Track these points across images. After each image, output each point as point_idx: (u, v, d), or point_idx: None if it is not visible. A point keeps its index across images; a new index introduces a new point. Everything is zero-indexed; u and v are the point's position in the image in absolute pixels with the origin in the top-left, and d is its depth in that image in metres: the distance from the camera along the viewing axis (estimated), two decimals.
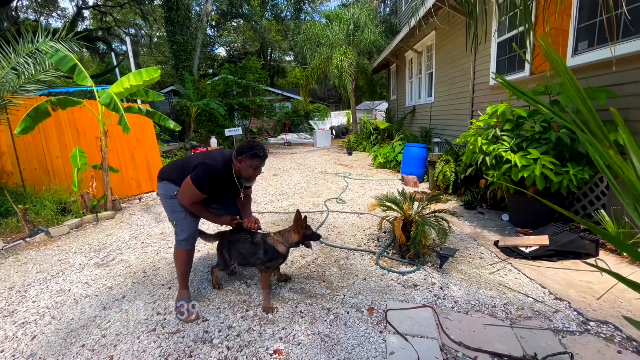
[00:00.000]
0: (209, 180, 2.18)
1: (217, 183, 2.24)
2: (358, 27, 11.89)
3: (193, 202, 2.25)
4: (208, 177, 2.18)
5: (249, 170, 2.22)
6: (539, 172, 3.02)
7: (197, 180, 2.16)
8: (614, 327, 1.96)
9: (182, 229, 2.33)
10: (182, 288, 2.39)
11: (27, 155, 4.79)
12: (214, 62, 29.01)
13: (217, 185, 2.25)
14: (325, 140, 14.04)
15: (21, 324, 2.27)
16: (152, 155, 6.52)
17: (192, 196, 2.22)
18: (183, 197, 2.24)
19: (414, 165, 6.32)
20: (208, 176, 2.18)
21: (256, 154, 2.17)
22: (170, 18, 14.81)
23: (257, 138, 16.05)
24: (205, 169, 2.18)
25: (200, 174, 2.17)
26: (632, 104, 2.93)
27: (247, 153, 2.16)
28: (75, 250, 3.61)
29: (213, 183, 2.21)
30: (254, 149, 2.17)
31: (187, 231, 2.34)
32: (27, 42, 4.24)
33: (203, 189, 2.19)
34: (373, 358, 1.80)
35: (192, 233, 2.38)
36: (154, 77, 4.72)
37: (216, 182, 2.22)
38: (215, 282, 2.60)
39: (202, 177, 2.17)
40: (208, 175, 2.18)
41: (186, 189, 2.21)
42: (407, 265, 2.87)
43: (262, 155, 2.20)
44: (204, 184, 2.18)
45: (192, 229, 2.38)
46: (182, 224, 2.33)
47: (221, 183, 2.27)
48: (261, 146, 2.22)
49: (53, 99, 4.28)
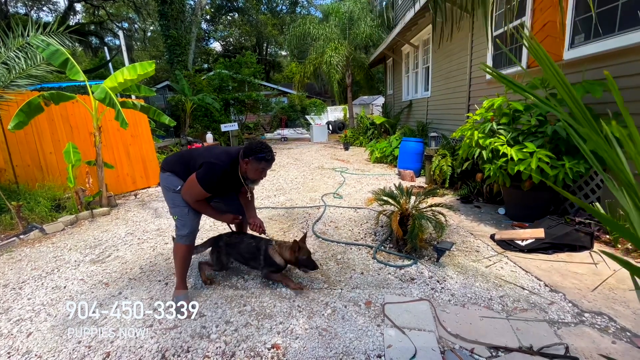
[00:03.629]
0: (215, 180, 2.17)
1: (223, 182, 2.22)
2: (353, 21, 11.82)
3: (197, 200, 2.24)
4: (215, 177, 2.16)
5: (255, 173, 2.22)
6: (535, 166, 3.03)
7: (204, 179, 2.14)
8: (608, 318, 1.98)
9: (183, 224, 2.31)
10: (179, 283, 2.38)
11: (19, 151, 4.72)
12: (209, 57, 28.71)
13: (222, 185, 2.24)
14: (322, 135, 13.99)
15: (16, 321, 2.25)
16: (148, 151, 6.46)
17: (197, 194, 2.20)
18: (187, 194, 2.23)
19: (411, 159, 6.33)
20: (215, 176, 2.16)
21: (264, 158, 2.15)
22: (164, 12, 14.56)
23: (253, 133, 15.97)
24: (212, 168, 2.16)
25: (207, 174, 2.15)
26: (628, 97, 2.94)
27: (255, 156, 2.14)
28: (70, 247, 3.58)
29: (219, 182, 2.19)
30: (262, 152, 2.14)
31: (188, 227, 2.32)
32: (17, 36, 4.15)
33: (209, 188, 2.17)
34: (371, 351, 1.81)
35: (193, 229, 2.36)
36: (149, 71, 4.66)
37: (222, 181, 2.21)
38: (205, 277, 2.60)
39: (209, 177, 2.15)
40: (215, 175, 2.16)
41: (191, 187, 2.19)
42: (404, 259, 2.88)
43: (269, 159, 2.19)
44: (210, 184, 2.16)
45: (194, 226, 2.36)
46: (185, 219, 2.31)
47: (227, 182, 2.26)
48: (269, 149, 2.20)
49: (46, 93, 4.21)
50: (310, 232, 3.61)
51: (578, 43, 3.52)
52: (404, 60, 10.45)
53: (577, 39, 3.55)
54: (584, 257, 2.75)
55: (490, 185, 4.22)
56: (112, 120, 5.49)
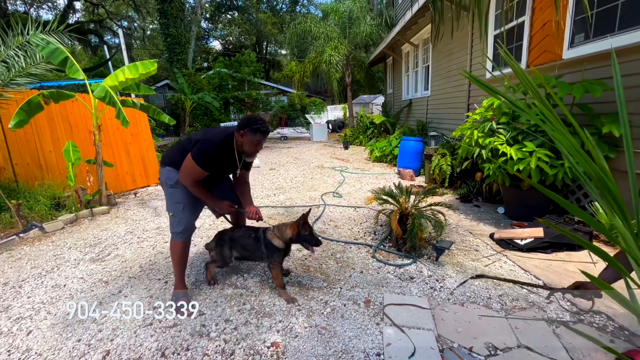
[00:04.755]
0: (210, 156, 2.13)
1: (218, 158, 2.19)
2: (353, 20, 11.80)
3: (195, 181, 2.20)
4: (209, 152, 2.14)
5: (251, 145, 2.19)
6: (535, 165, 3.04)
7: (198, 155, 2.12)
8: (606, 317, 1.99)
9: (179, 221, 2.31)
10: (178, 281, 2.38)
11: (19, 150, 4.71)
12: (208, 56, 28.68)
13: (217, 161, 2.20)
14: (322, 134, 13.99)
15: (16, 319, 2.26)
16: (147, 149, 6.46)
17: (193, 173, 2.16)
18: (185, 175, 2.18)
19: (411, 158, 6.33)
20: (209, 152, 2.14)
21: (259, 129, 2.14)
22: (163, 10, 14.55)
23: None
24: (205, 144, 2.14)
25: (201, 150, 2.13)
26: (626, 97, 2.93)
27: (250, 127, 2.13)
28: (70, 245, 3.58)
29: (214, 158, 2.15)
30: (257, 124, 2.13)
31: (183, 224, 2.32)
32: (17, 35, 4.15)
33: (204, 165, 2.14)
34: (370, 350, 1.81)
35: (188, 227, 2.36)
36: (150, 70, 4.66)
37: (217, 157, 2.17)
38: (210, 277, 2.59)
39: (203, 152, 2.13)
40: (209, 150, 2.14)
41: (187, 166, 2.15)
42: (403, 258, 2.89)
43: (264, 131, 2.17)
44: (205, 160, 2.13)
45: (189, 223, 2.36)
46: (180, 216, 2.31)
47: (222, 158, 2.22)
48: (263, 121, 2.19)
49: (45, 92, 4.21)
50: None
51: (578, 42, 3.52)
52: (404, 59, 10.44)
53: (577, 38, 3.55)
54: (582, 256, 2.76)
55: (490, 184, 4.22)
56: (111, 118, 5.50)
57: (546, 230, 2.95)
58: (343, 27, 11.92)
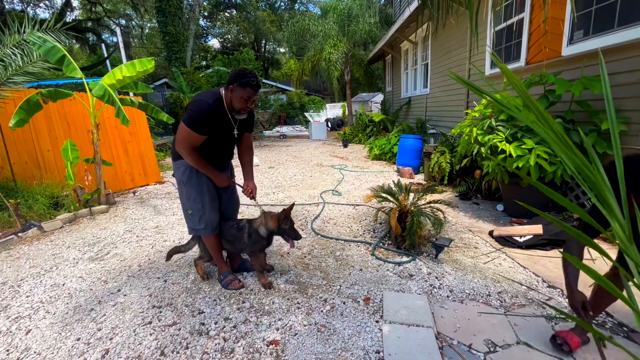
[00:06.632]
0: (200, 117, 2.06)
1: (210, 120, 2.10)
2: (352, 18, 11.76)
3: (191, 148, 2.14)
4: (199, 113, 2.06)
5: (240, 101, 2.08)
6: (534, 162, 3.04)
7: (190, 118, 2.06)
8: (605, 314, 1.99)
9: (200, 218, 2.31)
10: (221, 264, 2.52)
11: (17, 149, 4.69)
12: (207, 54, 28.57)
13: (210, 123, 2.11)
14: (321, 132, 13.97)
15: (15, 318, 2.25)
16: (146, 148, 6.44)
17: (188, 139, 2.10)
18: (180, 143, 2.13)
19: (410, 156, 6.33)
20: (199, 112, 2.06)
21: (248, 83, 2.02)
22: (161, 8, 14.48)
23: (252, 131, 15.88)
24: (196, 105, 2.07)
25: (193, 112, 2.06)
26: (625, 94, 2.93)
27: (238, 82, 2.03)
28: (69, 244, 3.57)
29: (205, 120, 2.07)
30: (246, 77, 2.02)
31: (204, 222, 2.33)
32: (13, 33, 4.12)
33: (197, 128, 2.06)
34: (369, 347, 1.82)
35: (209, 221, 2.36)
36: (148, 68, 4.63)
37: (208, 118, 2.08)
38: (202, 273, 2.61)
39: (194, 114, 2.06)
40: (199, 111, 2.06)
41: (181, 132, 2.10)
42: (402, 256, 2.89)
43: (254, 84, 2.05)
44: (197, 123, 2.06)
45: (210, 219, 2.35)
46: (198, 214, 2.31)
47: (214, 120, 2.12)
48: (253, 75, 2.05)
49: (44, 91, 4.19)
50: (309, 228, 3.61)
51: (577, 39, 3.51)
52: (403, 57, 10.42)
53: (576, 35, 3.54)
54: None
55: (489, 181, 4.23)
56: (110, 117, 5.48)
57: (545, 228, 2.95)
58: (342, 24, 11.87)
